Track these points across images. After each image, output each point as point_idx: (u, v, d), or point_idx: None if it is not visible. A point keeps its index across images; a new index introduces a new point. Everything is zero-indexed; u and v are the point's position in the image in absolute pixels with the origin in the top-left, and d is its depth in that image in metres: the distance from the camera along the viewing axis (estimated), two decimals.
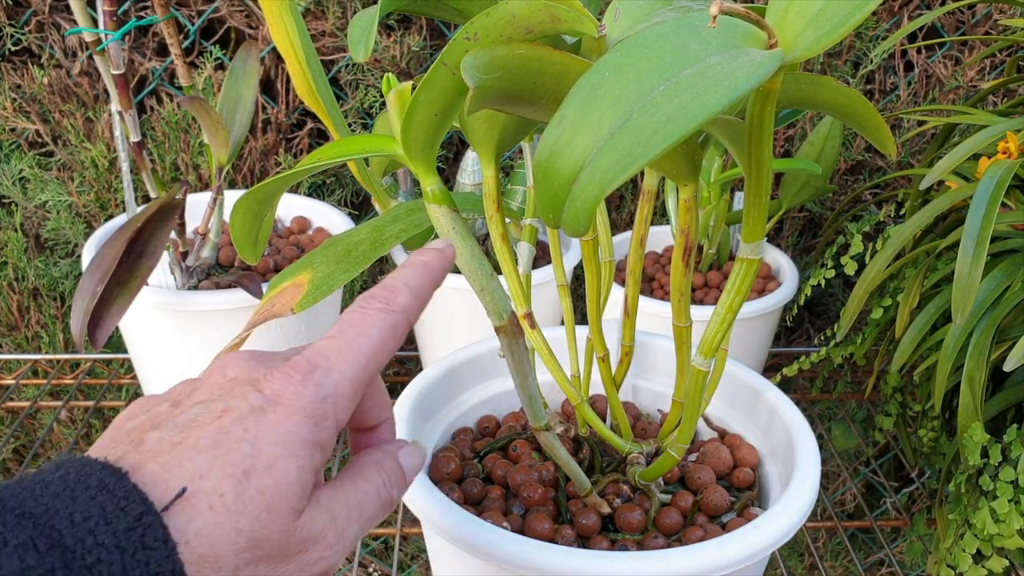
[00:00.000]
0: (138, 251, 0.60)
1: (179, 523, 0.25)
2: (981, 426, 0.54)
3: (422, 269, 0.33)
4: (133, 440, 0.27)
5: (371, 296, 0.32)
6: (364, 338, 0.30)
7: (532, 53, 0.29)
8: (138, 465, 0.25)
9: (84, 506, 0.24)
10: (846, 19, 0.25)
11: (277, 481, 0.26)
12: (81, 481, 0.24)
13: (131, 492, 0.24)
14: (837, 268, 0.74)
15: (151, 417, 0.29)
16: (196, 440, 0.26)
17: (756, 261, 0.35)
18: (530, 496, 0.45)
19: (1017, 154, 0.55)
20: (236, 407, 0.27)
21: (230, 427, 0.27)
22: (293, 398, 0.28)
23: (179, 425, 0.27)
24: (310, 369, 0.29)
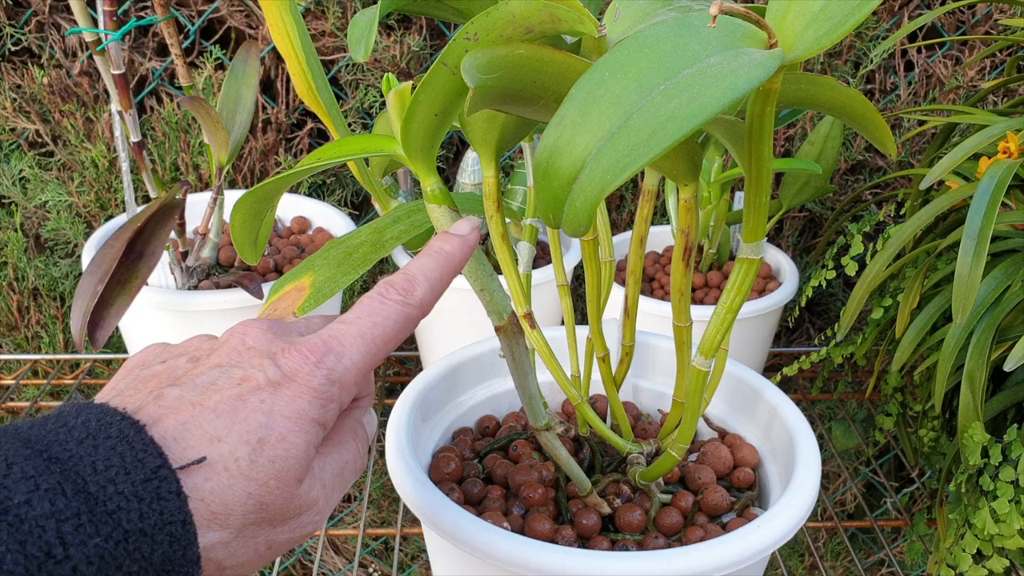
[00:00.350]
0: (138, 251, 0.60)
1: (196, 481, 0.26)
2: (981, 426, 0.54)
3: (443, 260, 0.34)
4: (152, 391, 0.28)
5: (391, 284, 0.33)
6: (378, 328, 0.31)
7: (532, 53, 0.29)
8: (158, 418, 0.27)
9: (106, 455, 0.25)
10: (846, 19, 0.25)
11: (287, 453, 0.28)
12: (102, 430, 0.26)
13: (148, 445, 0.26)
14: (837, 268, 0.74)
15: (168, 369, 0.30)
16: (216, 403, 0.28)
17: (756, 261, 0.35)
18: (530, 496, 0.45)
19: (1017, 154, 0.55)
20: (254, 377, 0.29)
21: (248, 395, 0.28)
22: (307, 377, 0.29)
23: (199, 386, 0.28)
24: (325, 352, 0.30)
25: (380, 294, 0.32)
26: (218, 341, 0.32)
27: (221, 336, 0.32)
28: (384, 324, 0.32)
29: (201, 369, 0.29)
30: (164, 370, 0.30)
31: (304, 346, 0.30)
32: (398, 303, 0.32)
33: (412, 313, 0.32)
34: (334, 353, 0.30)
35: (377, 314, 0.32)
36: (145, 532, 0.24)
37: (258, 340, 0.31)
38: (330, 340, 0.30)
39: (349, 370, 0.30)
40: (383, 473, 1.06)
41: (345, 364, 0.30)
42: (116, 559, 0.24)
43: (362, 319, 0.31)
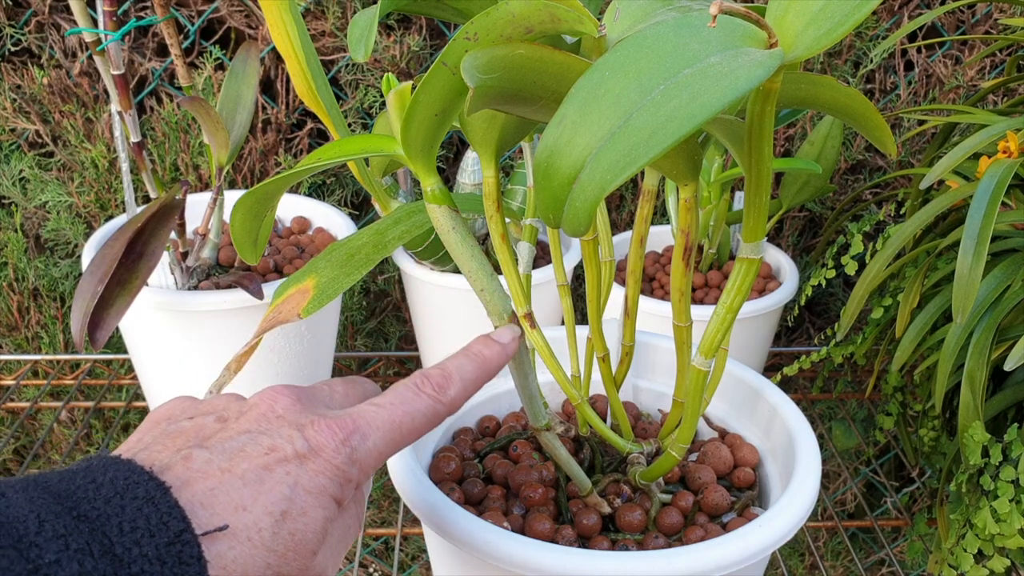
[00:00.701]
0: (138, 251, 0.60)
1: (220, 548, 0.27)
2: (982, 425, 0.54)
3: (481, 364, 0.36)
4: (180, 449, 0.29)
5: (427, 377, 0.34)
6: (408, 418, 0.33)
7: (532, 53, 0.29)
8: (187, 481, 0.27)
9: (132, 516, 0.25)
10: (846, 19, 0.25)
11: (306, 527, 0.29)
12: (129, 489, 0.26)
13: (173, 508, 0.26)
14: (837, 268, 0.74)
15: (196, 427, 0.30)
16: (244, 471, 0.28)
17: (756, 261, 0.35)
18: (530, 496, 0.45)
19: (1017, 153, 0.55)
20: (282, 448, 0.29)
21: (275, 466, 0.29)
22: (331, 455, 0.30)
23: (228, 450, 0.29)
24: (352, 431, 0.31)
25: (416, 385, 0.34)
26: (247, 403, 0.32)
27: (250, 399, 0.33)
28: (414, 416, 0.33)
29: (230, 432, 0.30)
30: (192, 428, 0.31)
31: (334, 421, 0.31)
32: (431, 398, 0.33)
33: (441, 411, 0.34)
34: (360, 434, 0.31)
35: (409, 404, 0.33)
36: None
37: (287, 409, 0.31)
38: (359, 419, 0.31)
39: (371, 453, 0.31)
40: (383, 473, 1.06)
41: (368, 447, 0.31)
42: None
43: (395, 406, 0.32)
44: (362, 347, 1.04)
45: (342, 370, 1.00)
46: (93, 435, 1.03)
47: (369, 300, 1.03)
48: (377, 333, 1.05)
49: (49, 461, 1.05)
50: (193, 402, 0.33)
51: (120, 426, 1.00)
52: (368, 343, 1.04)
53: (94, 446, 1.03)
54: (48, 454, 1.05)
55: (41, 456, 1.04)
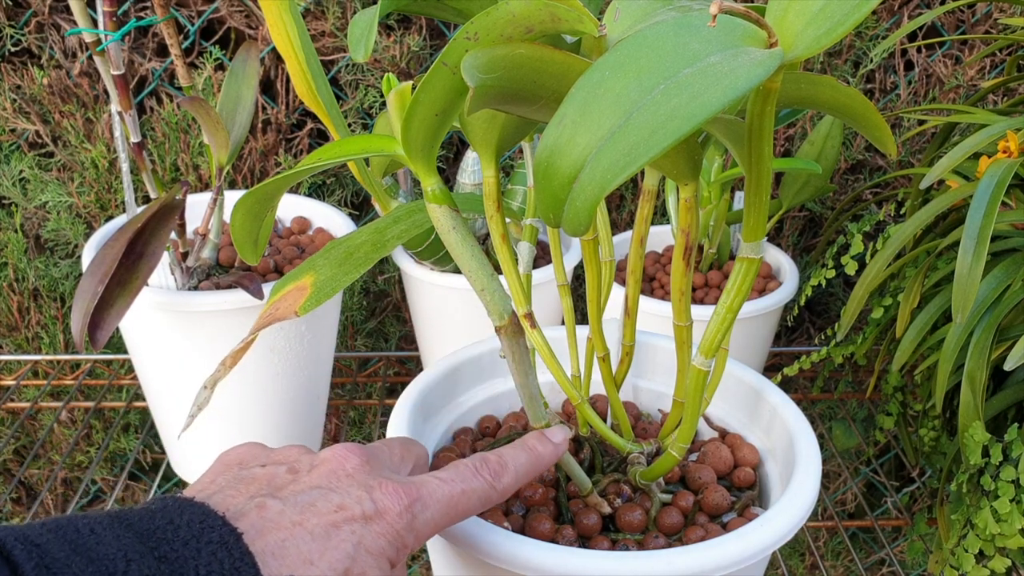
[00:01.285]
0: (138, 252, 0.60)
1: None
2: (982, 425, 0.54)
3: (535, 459, 0.38)
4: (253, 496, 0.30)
5: (486, 462, 0.36)
6: (464, 497, 0.34)
7: (532, 53, 0.29)
8: (261, 531, 0.29)
9: (207, 560, 0.27)
10: (846, 18, 0.25)
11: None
12: (204, 533, 0.28)
13: (246, 555, 0.27)
14: (837, 268, 0.74)
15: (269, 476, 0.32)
16: (314, 527, 0.30)
17: (756, 260, 0.35)
18: (531, 496, 0.45)
19: (1017, 153, 0.55)
20: (351, 507, 0.31)
21: (343, 524, 0.30)
22: (394, 519, 0.32)
23: (300, 504, 0.30)
24: (416, 499, 0.33)
25: (475, 468, 0.35)
26: (318, 458, 0.34)
27: (321, 453, 0.34)
28: (470, 496, 0.35)
29: (302, 486, 0.31)
30: (264, 475, 0.32)
31: (401, 487, 0.32)
32: (486, 483, 0.35)
33: (493, 496, 0.36)
34: (422, 503, 0.33)
35: (467, 483, 0.35)
36: None
37: (357, 469, 0.33)
38: (423, 489, 0.33)
39: (428, 524, 0.33)
40: None
41: (427, 517, 0.33)
42: None
43: (455, 483, 0.34)
44: (362, 347, 1.04)
45: (342, 370, 1.00)
46: (93, 435, 1.03)
47: (369, 300, 1.03)
48: (377, 333, 1.05)
49: (49, 461, 1.05)
50: (264, 450, 0.35)
51: (120, 426, 1.00)
52: (368, 343, 1.04)
53: (94, 446, 1.03)
54: (48, 454, 1.05)
55: (41, 456, 1.04)
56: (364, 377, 1.01)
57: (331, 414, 1.02)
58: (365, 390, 1.05)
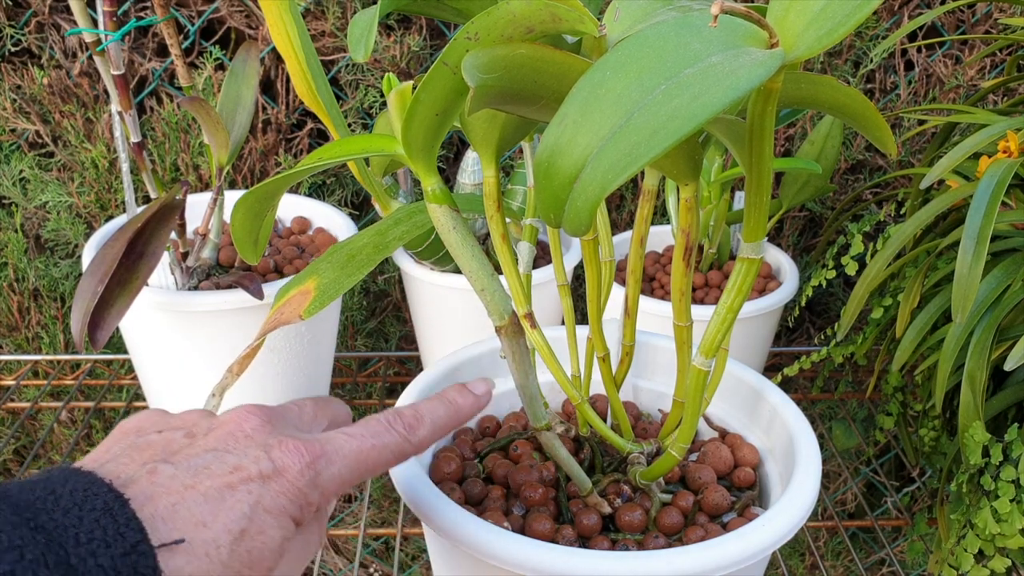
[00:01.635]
0: (138, 252, 0.60)
1: (178, 563, 0.27)
2: (982, 425, 0.54)
3: (453, 412, 0.37)
4: (146, 464, 0.29)
5: (400, 416, 0.35)
6: (375, 451, 0.33)
7: (533, 53, 0.29)
8: (151, 496, 0.28)
9: (89, 527, 0.26)
10: (847, 19, 0.25)
11: (263, 546, 0.29)
12: (88, 501, 0.26)
13: (131, 520, 0.26)
14: (838, 268, 0.74)
15: (165, 442, 0.31)
16: (206, 489, 0.29)
17: (757, 260, 0.35)
18: (531, 496, 0.45)
19: (1017, 153, 0.55)
20: (247, 468, 0.30)
21: (238, 485, 0.29)
22: (294, 477, 0.31)
23: (193, 468, 0.30)
24: (319, 455, 0.31)
25: (388, 422, 0.34)
26: (217, 421, 0.33)
27: (220, 416, 0.33)
28: (381, 450, 0.33)
29: (196, 449, 0.31)
30: (160, 441, 0.31)
31: (301, 444, 0.31)
32: (400, 436, 0.34)
33: (408, 450, 0.35)
34: (326, 459, 0.32)
35: (378, 438, 0.34)
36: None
37: (256, 429, 0.32)
38: (327, 445, 0.32)
39: (334, 479, 0.32)
40: (383, 473, 1.06)
41: (332, 473, 0.32)
42: None
43: (364, 438, 0.33)
44: (362, 347, 1.04)
45: (342, 370, 1.00)
46: (93, 435, 1.03)
47: (369, 300, 1.03)
48: (377, 333, 1.05)
49: (50, 461, 1.05)
50: (163, 415, 0.34)
51: None
52: (368, 343, 1.04)
53: (94, 446, 1.03)
54: (48, 454, 1.05)
55: (41, 456, 1.04)
56: (364, 377, 1.01)
57: None
58: (365, 390, 1.05)
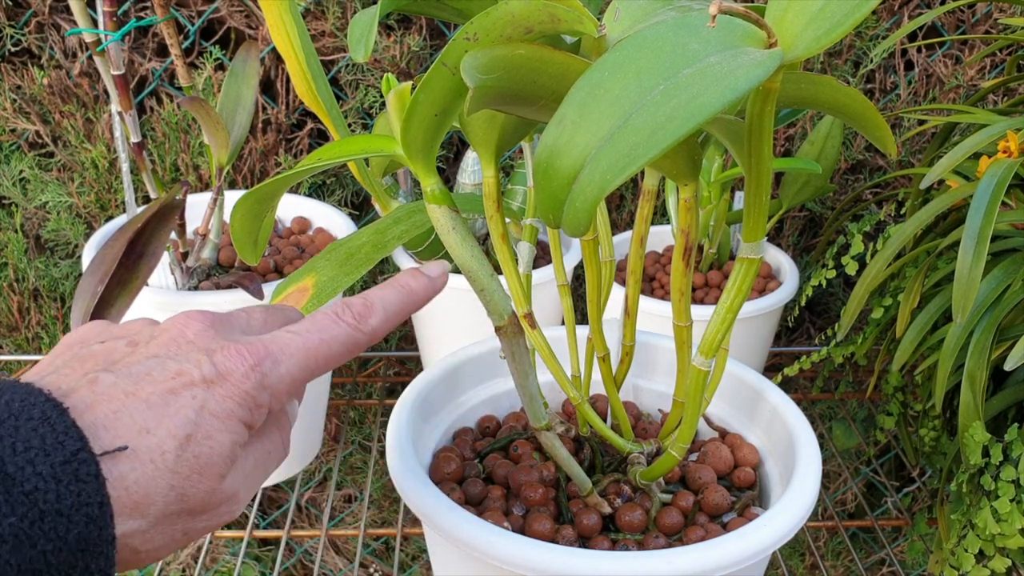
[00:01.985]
0: (138, 252, 0.60)
1: (122, 470, 0.27)
2: (982, 425, 0.54)
3: (405, 296, 0.35)
4: (87, 373, 0.29)
5: (348, 305, 0.33)
6: (324, 346, 0.32)
7: (532, 53, 0.29)
8: (90, 405, 0.27)
9: (26, 436, 0.25)
10: (845, 18, 0.25)
11: (211, 451, 0.29)
12: (24, 411, 0.26)
13: (70, 428, 0.26)
14: (838, 268, 0.74)
15: (106, 351, 0.30)
16: (148, 395, 0.28)
17: (756, 260, 0.35)
18: (531, 496, 0.45)
19: (1017, 153, 0.55)
20: (189, 372, 0.29)
21: (181, 390, 0.29)
22: (239, 380, 0.30)
23: (134, 375, 0.29)
24: (264, 356, 0.30)
25: (336, 313, 0.33)
26: (159, 328, 0.32)
27: (163, 323, 0.32)
28: (331, 344, 0.32)
29: (138, 357, 0.30)
30: (102, 351, 0.30)
31: (244, 346, 0.30)
32: (350, 327, 0.33)
33: (360, 339, 0.33)
34: (272, 359, 0.30)
35: (326, 331, 0.32)
36: (61, 512, 0.25)
37: (198, 334, 0.31)
38: (272, 345, 0.31)
39: (283, 379, 0.31)
40: (384, 473, 1.06)
41: (280, 372, 0.31)
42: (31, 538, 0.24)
43: (311, 333, 0.32)
44: None
45: (342, 370, 1.00)
46: None
47: None
48: None
49: None
50: (107, 326, 0.33)
51: None
52: None
53: None
54: None
55: None
56: (364, 377, 1.01)
57: (331, 414, 1.02)
58: (365, 390, 1.05)
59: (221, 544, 1.13)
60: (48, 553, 0.24)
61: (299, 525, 1.11)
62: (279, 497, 1.11)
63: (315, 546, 1.12)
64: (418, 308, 0.36)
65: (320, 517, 1.12)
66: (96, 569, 0.26)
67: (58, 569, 0.25)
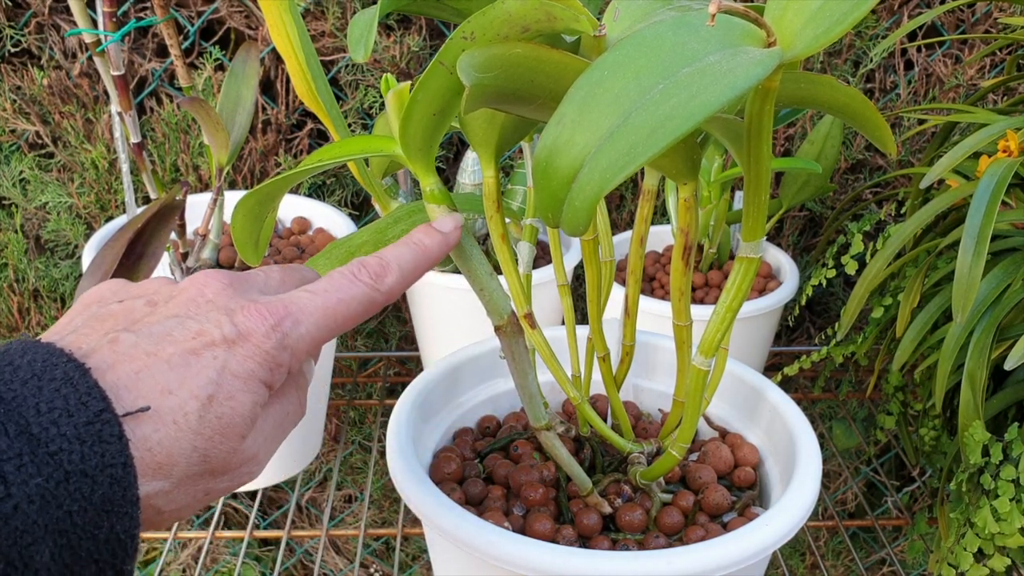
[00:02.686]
0: (138, 252, 0.60)
1: (145, 431, 0.27)
2: (982, 425, 0.54)
3: (420, 253, 0.35)
4: (107, 333, 0.29)
5: (364, 265, 0.33)
6: (343, 305, 0.32)
7: (529, 52, 0.29)
8: (112, 364, 0.27)
9: (49, 397, 0.25)
10: (844, 17, 0.25)
11: (233, 411, 0.29)
12: (47, 371, 0.26)
13: (93, 388, 0.26)
14: (838, 267, 0.74)
15: (126, 310, 0.30)
16: (170, 355, 0.28)
17: (756, 260, 0.35)
18: (531, 496, 0.45)
19: (1017, 152, 0.55)
20: (210, 332, 0.29)
21: (202, 350, 0.28)
22: (261, 339, 0.29)
23: (155, 335, 0.29)
24: (284, 315, 0.30)
25: (353, 273, 0.33)
26: (177, 288, 0.32)
27: (181, 283, 0.32)
28: (349, 303, 0.32)
29: (158, 317, 0.29)
30: (121, 310, 0.30)
31: (264, 306, 0.30)
32: (367, 286, 0.33)
33: (377, 299, 0.33)
34: (292, 319, 0.30)
35: (344, 291, 0.32)
36: (86, 473, 0.25)
37: (217, 293, 0.31)
38: (291, 305, 0.31)
39: (303, 338, 0.31)
40: (384, 473, 1.06)
41: (300, 332, 0.30)
42: (57, 498, 0.24)
43: (329, 293, 0.32)
44: (362, 347, 1.04)
45: (342, 370, 1.00)
46: None
47: None
48: (377, 333, 1.05)
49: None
50: (125, 285, 0.32)
51: None
52: (368, 343, 1.04)
53: None
54: None
55: None
56: (364, 377, 1.01)
57: (331, 414, 1.02)
58: (365, 390, 1.05)
59: (221, 544, 1.13)
60: (74, 513, 0.25)
61: (299, 525, 1.11)
62: (279, 497, 1.11)
63: (315, 546, 1.12)
64: (433, 265, 0.35)
65: (320, 517, 1.12)
66: (121, 529, 0.26)
67: (84, 529, 0.25)
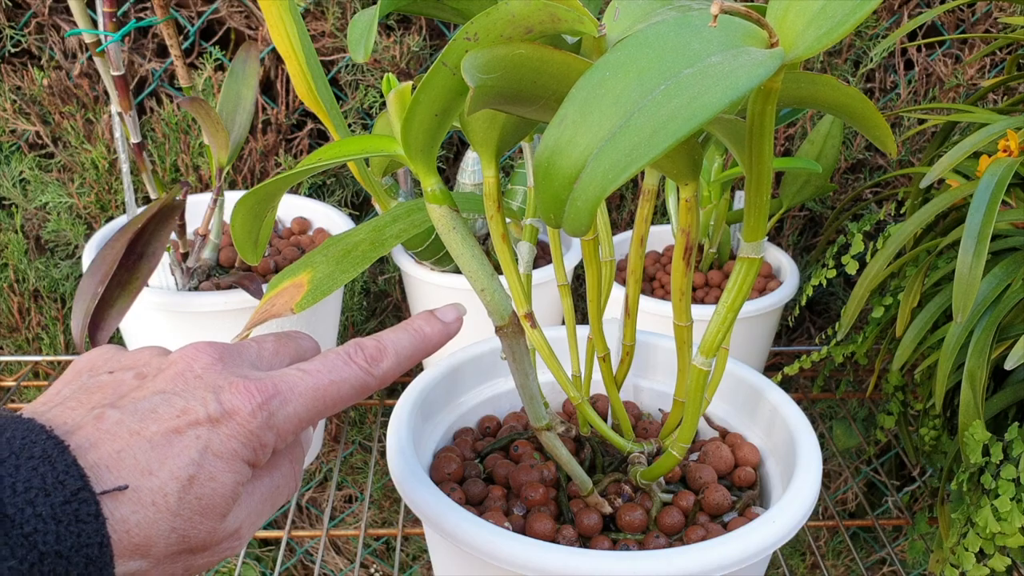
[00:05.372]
0: (138, 252, 0.60)
1: (124, 512, 0.26)
2: (982, 424, 0.54)
3: (419, 341, 0.35)
4: (94, 409, 0.28)
5: (361, 347, 0.33)
6: (334, 387, 0.32)
7: (532, 53, 0.29)
8: (95, 443, 0.27)
9: (27, 475, 0.25)
10: (846, 18, 0.25)
11: (214, 492, 0.29)
12: (26, 449, 0.26)
13: (71, 466, 0.26)
14: (838, 267, 0.74)
15: (115, 383, 0.30)
16: (152, 435, 0.28)
17: (757, 260, 0.35)
18: (531, 496, 0.45)
19: (1018, 152, 0.55)
20: (194, 410, 0.29)
21: (185, 429, 0.28)
22: (246, 418, 0.29)
23: (139, 412, 0.28)
24: (272, 395, 0.30)
25: (348, 354, 0.33)
26: (167, 360, 0.31)
27: (172, 355, 0.32)
28: (340, 385, 0.32)
29: (145, 392, 0.29)
30: (110, 383, 0.30)
31: (253, 384, 0.30)
32: (361, 369, 0.32)
33: (371, 383, 0.33)
34: (280, 398, 0.30)
35: (337, 373, 0.32)
36: (61, 554, 0.24)
37: (206, 368, 0.30)
38: (280, 384, 0.30)
39: (290, 419, 0.30)
40: (384, 473, 1.06)
41: (288, 412, 0.30)
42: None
43: (321, 374, 0.32)
44: None
45: None
46: None
47: (369, 300, 1.03)
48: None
49: None
50: (117, 352, 0.32)
51: None
52: None
53: None
54: None
55: None
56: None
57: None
58: None
59: None
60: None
61: (299, 525, 1.11)
62: None
63: (316, 546, 1.12)
64: (431, 353, 0.35)
65: (321, 517, 1.12)
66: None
67: None
